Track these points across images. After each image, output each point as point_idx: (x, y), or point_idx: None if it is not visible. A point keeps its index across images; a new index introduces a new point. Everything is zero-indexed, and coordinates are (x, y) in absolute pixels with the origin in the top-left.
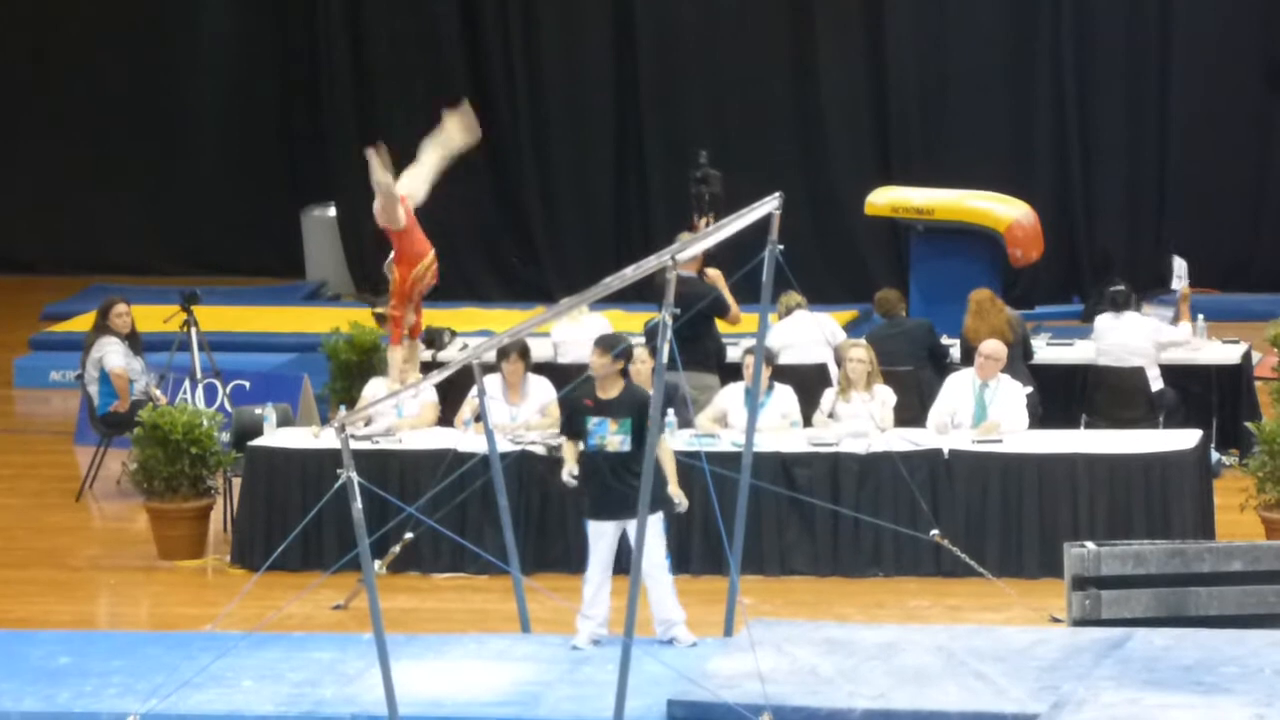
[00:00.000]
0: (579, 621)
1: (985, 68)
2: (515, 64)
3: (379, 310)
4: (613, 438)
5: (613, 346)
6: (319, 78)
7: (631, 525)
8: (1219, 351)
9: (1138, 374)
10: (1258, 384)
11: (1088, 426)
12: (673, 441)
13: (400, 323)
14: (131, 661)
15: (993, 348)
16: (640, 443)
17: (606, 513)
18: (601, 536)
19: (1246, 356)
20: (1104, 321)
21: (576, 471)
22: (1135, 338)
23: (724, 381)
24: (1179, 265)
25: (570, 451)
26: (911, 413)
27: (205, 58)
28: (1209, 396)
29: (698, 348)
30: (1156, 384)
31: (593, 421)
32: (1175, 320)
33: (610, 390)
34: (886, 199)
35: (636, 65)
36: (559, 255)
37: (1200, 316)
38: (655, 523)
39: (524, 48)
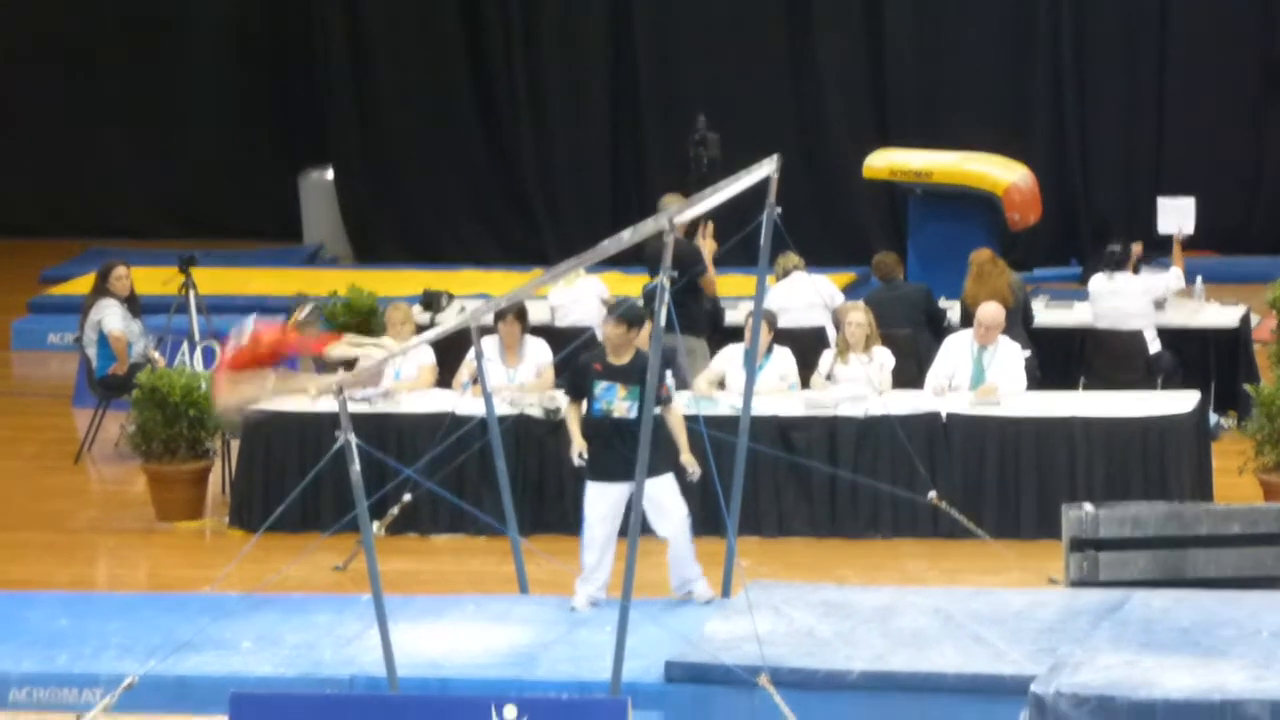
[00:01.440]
0: (578, 585)
1: (983, 31)
2: (512, 25)
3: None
4: (620, 403)
5: (630, 319)
6: (315, 40)
7: (647, 484)
8: (1217, 314)
9: (1135, 337)
10: (1256, 347)
11: (1086, 389)
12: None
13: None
14: (130, 623)
15: (992, 315)
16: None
17: (608, 475)
18: (603, 499)
19: (1245, 319)
20: (1099, 283)
21: (586, 451)
22: (1131, 298)
23: (724, 344)
24: (1170, 207)
25: (574, 416)
26: (909, 375)
27: (202, 21)
28: (1207, 359)
29: (684, 311)
30: (1154, 346)
31: (601, 386)
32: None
33: (621, 356)
34: (885, 162)
35: (633, 27)
36: (556, 218)
37: (1199, 278)
38: (670, 483)
39: (521, 8)
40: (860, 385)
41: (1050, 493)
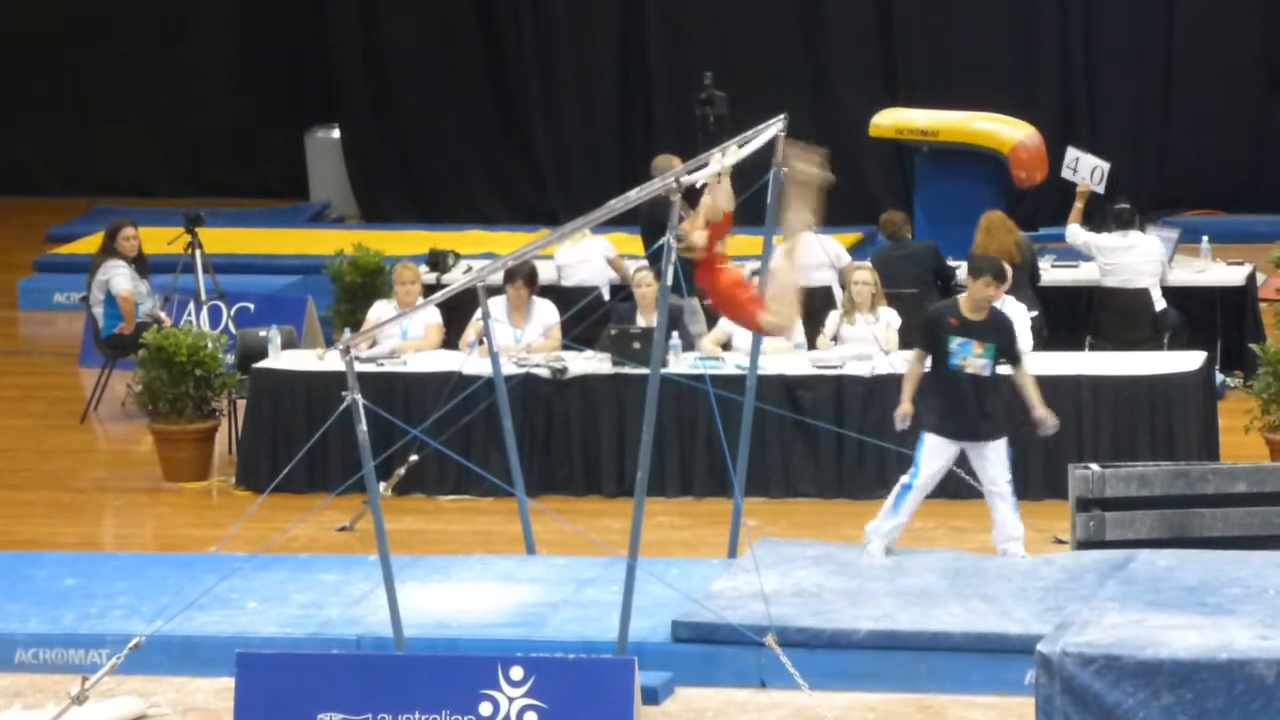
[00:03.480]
0: (870, 532)
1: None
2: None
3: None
4: (975, 359)
5: (996, 274)
6: (326, 3)
7: (981, 447)
8: (1223, 273)
9: (1142, 295)
10: (1262, 305)
11: (1092, 348)
12: (677, 364)
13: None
14: (137, 583)
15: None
16: (996, 369)
17: (949, 432)
18: (940, 454)
19: (1251, 278)
20: (1111, 240)
21: (910, 414)
22: (1141, 257)
23: None
24: (1080, 160)
25: (914, 373)
26: (917, 332)
27: None
28: (1213, 318)
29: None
30: (1160, 304)
31: (956, 341)
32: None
33: (979, 313)
34: (891, 121)
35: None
36: (563, 178)
37: (1205, 239)
38: (1002, 446)
39: None
40: (867, 344)
41: (1057, 452)
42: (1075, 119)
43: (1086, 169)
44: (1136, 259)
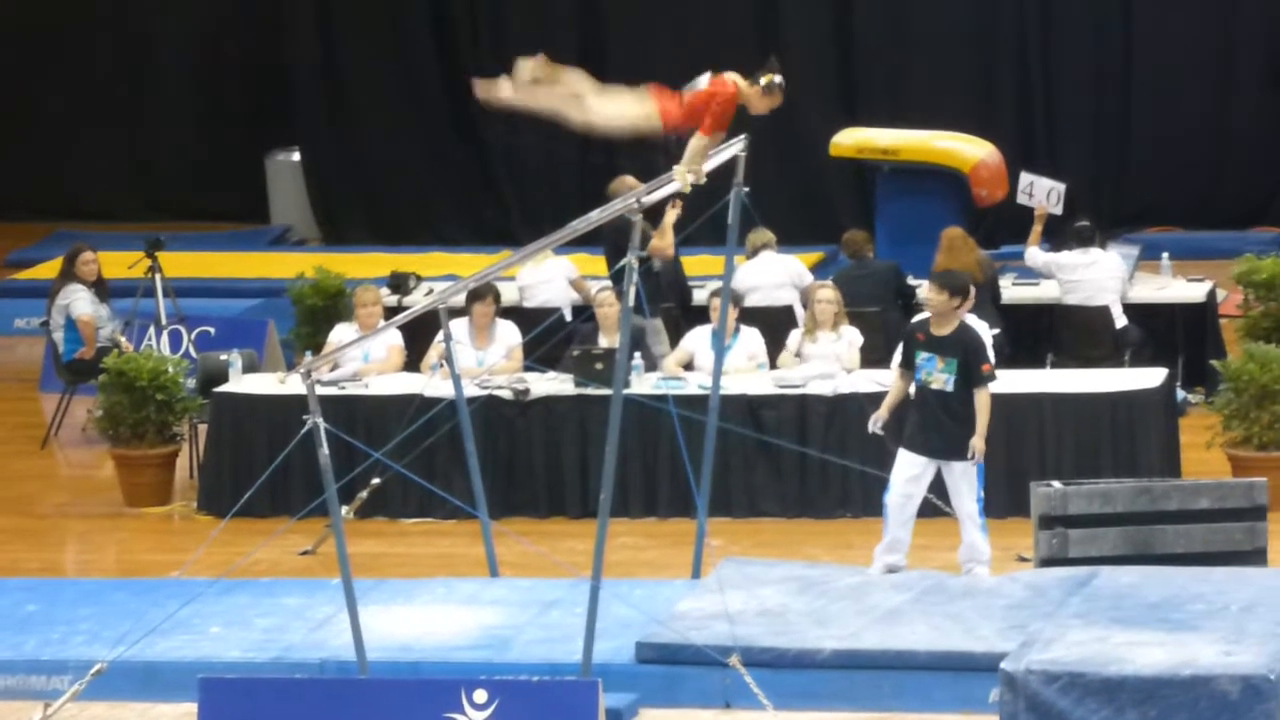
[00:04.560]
0: (877, 553)
1: (951, 9)
2: (479, 7)
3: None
4: (938, 375)
5: (952, 284)
6: (282, 22)
7: (946, 467)
8: (1184, 289)
9: (1103, 312)
10: (1223, 322)
11: (1054, 366)
12: (639, 384)
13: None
14: (99, 609)
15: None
16: (965, 384)
17: (915, 446)
18: (910, 467)
19: (1212, 294)
20: (1072, 258)
21: (884, 421)
22: (1101, 274)
23: (691, 324)
24: (1035, 184)
25: (896, 387)
26: (878, 354)
27: (170, 3)
28: (1174, 335)
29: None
30: (1121, 321)
31: (922, 356)
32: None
33: (944, 327)
34: (852, 140)
35: (602, 8)
36: (524, 199)
37: (1165, 255)
38: (970, 469)
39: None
40: (829, 363)
41: (1019, 469)
42: (1034, 136)
43: (1042, 192)
44: (1097, 276)
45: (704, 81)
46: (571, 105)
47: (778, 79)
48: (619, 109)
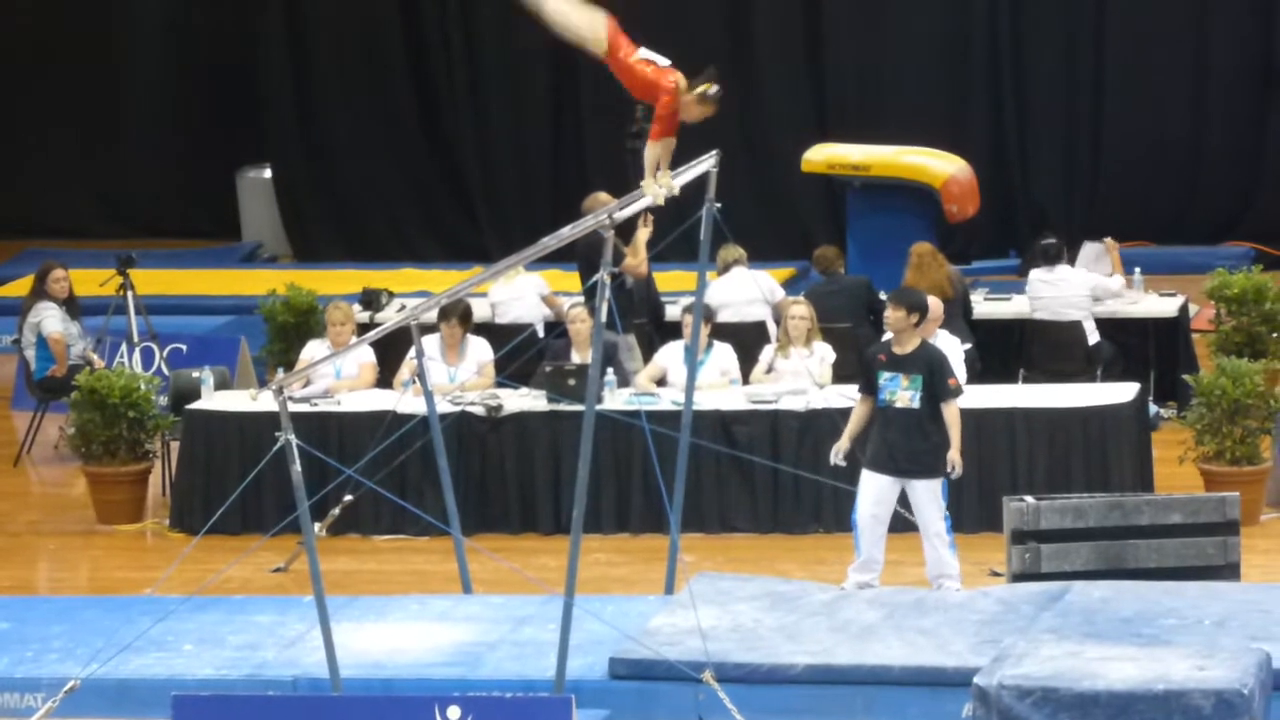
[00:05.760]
0: (850, 571)
1: (921, 24)
2: (450, 22)
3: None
4: (903, 393)
5: (910, 301)
6: (253, 38)
7: (912, 485)
8: (1156, 304)
9: (1074, 327)
10: (1195, 336)
11: (1026, 381)
12: (612, 400)
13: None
14: (72, 626)
15: (931, 308)
16: (930, 402)
17: (880, 466)
18: (876, 486)
19: (1183, 309)
20: (1037, 275)
21: (845, 451)
22: (1070, 290)
23: (663, 340)
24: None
25: (858, 413)
26: (850, 369)
27: (142, 20)
28: (1146, 349)
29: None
30: (1093, 337)
31: (885, 376)
32: (1109, 273)
33: (905, 346)
34: (823, 156)
35: None
36: (496, 215)
37: (1137, 270)
38: (935, 486)
39: (459, 4)
40: (801, 379)
41: (991, 484)
42: (1006, 152)
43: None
44: (1064, 293)
45: (662, 60)
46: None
47: (714, 89)
48: (571, 10)
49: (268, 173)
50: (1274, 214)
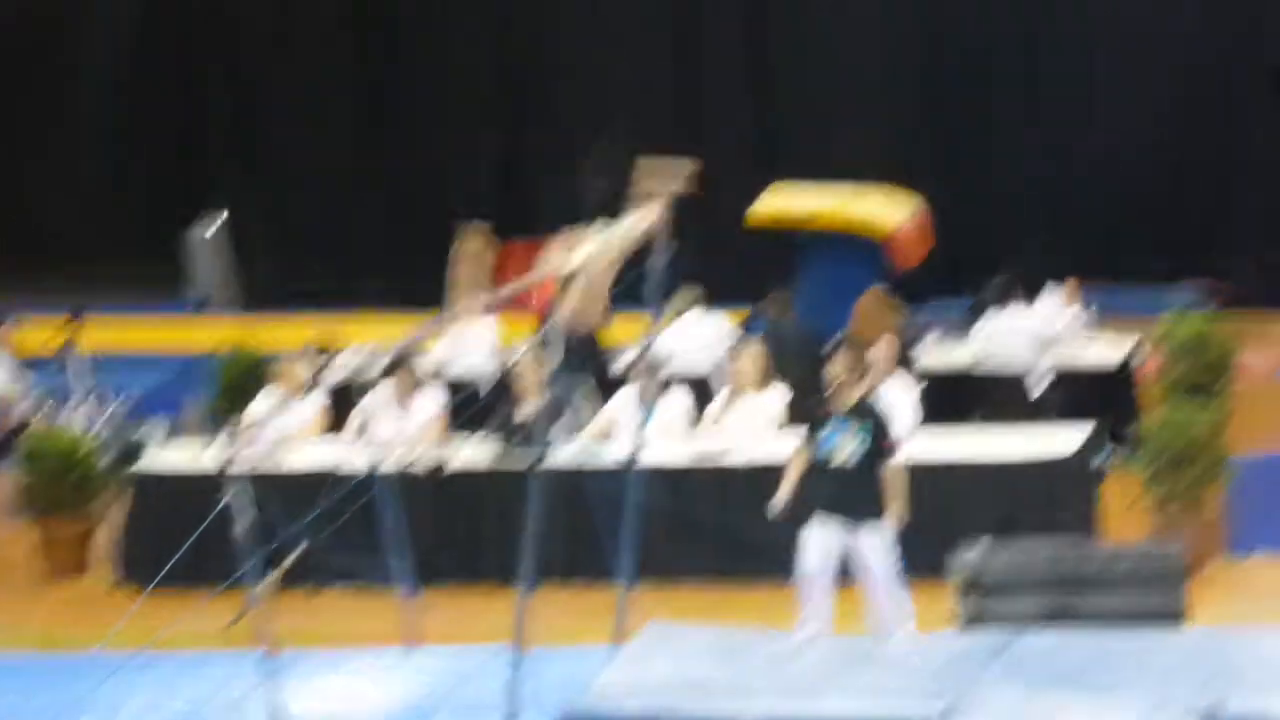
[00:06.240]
0: (797, 627)
1: (873, 64)
2: (401, 74)
3: None
4: (846, 445)
5: (853, 351)
6: (202, 88)
7: (858, 531)
8: (1104, 351)
9: (1023, 373)
10: (1143, 382)
11: (974, 427)
12: (561, 453)
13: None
14: (20, 683)
15: (884, 348)
16: (873, 453)
17: (825, 515)
18: (822, 535)
19: (1132, 355)
20: (987, 319)
21: (784, 502)
22: (1019, 334)
23: (612, 390)
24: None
25: (796, 463)
26: (800, 417)
27: (89, 67)
28: (1095, 395)
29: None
30: (1040, 384)
31: (828, 427)
32: (1069, 314)
33: (849, 398)
34: (769, 209)
35: (522, 74)
36: (446, 265)
37: (1092, 307)
38: (880, 533)
39: (409, 57)
40: (751, 427)
41: (940, 533)
42: (962, 192)
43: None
44: (1013, 337)
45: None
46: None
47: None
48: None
49: (217, 224)
50: (1225, 258)
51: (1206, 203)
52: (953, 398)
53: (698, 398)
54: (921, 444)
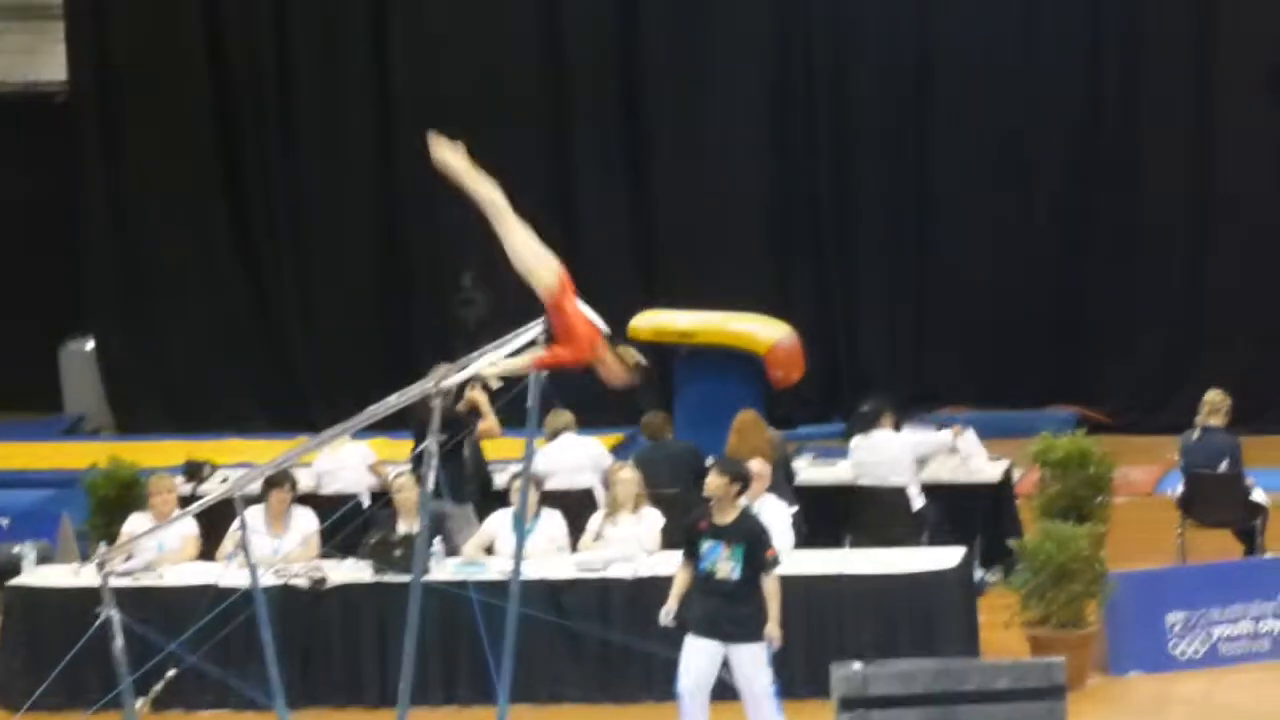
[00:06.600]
0: None
1: (746, 189)
2: (274, 193)
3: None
4: (724, 564)
5: (731, 470)
6: (75, 209)
7: (735, 649)
8: (981, 469)
9: (899, 492)
10: (1020, 500)
11: (852, 546)
12: (439, 570)
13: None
14: None
15: (759, 466)
16: (750, 571)
17: (704, 632)
18: (700, 653)
19: (1008, 473)
20: (857, 441)
21: (674, 613)
22: (891, 456)
23: (491, 509)
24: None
25: (681, 578)
26: (678, 535)
27: None
28: (972, 513)
29: (448, 476)
30: (918, 501)
31: (707, 545)
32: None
33: (727, 515)
34: (649, 324)
35: (398, 187)
36: (321, 385)
37: (971, 428)
38: (760, 651)
39: (284, 175)
40: (630, 545)
41: (819, 650)
42: (831, 317)
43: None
44: (887, 457)
45: (598, 320)
46: (491, 211)
47: (638, 359)
48: (527, 249)
49: (90, 344)
50: (1097, 378)
51: (1069, 329)
52: (830, 515)
53: (574, 518)
54: (800, 560)
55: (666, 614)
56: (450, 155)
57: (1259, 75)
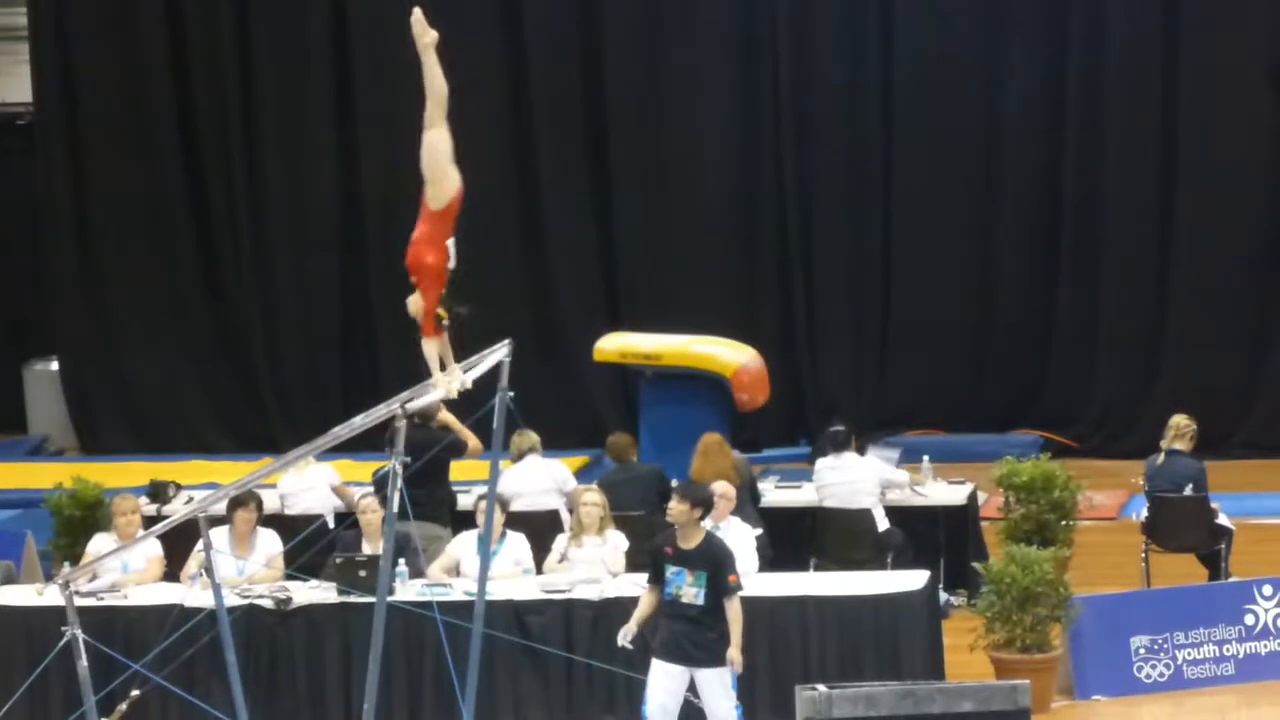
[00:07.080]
0: None
1: (710, 214)
2: (240, 214)
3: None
4: (688, 589)
5: (694, 495)
6: (38, 230)
7: (700, 673)
8: (945, 492)
9: (864, 515)
10: (984, 524)
11: (817, 569)
12: (404, 591)
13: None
14: None
15: (723, 488)
16: (714, 596)
17: (669, 656)
18: (666, 676)
19: (972, 496)
20: (824, 464)
21: (633, 635)
22: (857, 478)
23: (457, 530)
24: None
25: (646, 601)
26: (643, 558)
27: None
28: (936, 537)
29: (428, 497)
30: (883, 524)
31: (671, 570)
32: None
33: (690, 540)
34: (615, 345)
35: (363, 211)
36: (285, 405)
37: (925, 458)
38: (723, 674)
39: (249, 197)
40: (595, 568)
41: (784, 673)
42: (795, 340)
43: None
44: (852, 479)
45: (452, 263)
46: (431, 100)
47: (448, 318)
48: (442, 155)
49: (54, 365)
50: (1061, 402)
51: (1033, 353)
52: (795, 537)
53: (539, 540)
54: (765, 582)
55: (624, 635)
56: (426, 31)
57: (1227, 94)
